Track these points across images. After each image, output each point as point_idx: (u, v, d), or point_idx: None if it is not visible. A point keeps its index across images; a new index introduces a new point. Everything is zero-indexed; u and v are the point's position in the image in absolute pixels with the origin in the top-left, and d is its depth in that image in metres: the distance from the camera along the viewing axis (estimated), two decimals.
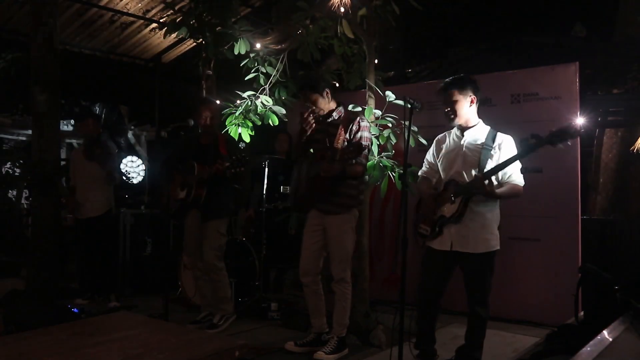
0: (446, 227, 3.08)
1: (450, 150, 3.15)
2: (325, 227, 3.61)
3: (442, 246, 3.10)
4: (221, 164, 3.93)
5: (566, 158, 4.21)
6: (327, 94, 3.61)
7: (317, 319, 3.73)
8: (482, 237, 3.02)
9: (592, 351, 1.55)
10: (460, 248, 3.04)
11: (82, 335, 2.27)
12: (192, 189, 4.12)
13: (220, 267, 4.23)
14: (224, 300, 4.27)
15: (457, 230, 3.04)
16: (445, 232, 3.09)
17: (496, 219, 3.09)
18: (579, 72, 4.21)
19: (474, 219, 3.02)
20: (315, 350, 3.61)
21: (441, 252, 3.10)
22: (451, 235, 3.06)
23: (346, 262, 3.60)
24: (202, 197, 4.13)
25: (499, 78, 4.64)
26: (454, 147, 3.15)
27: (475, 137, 3.08)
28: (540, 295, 4.30)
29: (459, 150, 3.11)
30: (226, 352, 2.11)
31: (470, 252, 3.02)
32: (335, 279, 3.61)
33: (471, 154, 3.04)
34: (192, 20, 4.42)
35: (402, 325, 2.83)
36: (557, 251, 4.23)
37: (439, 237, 3.12)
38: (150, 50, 7.64)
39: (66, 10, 6.33)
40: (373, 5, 4.18)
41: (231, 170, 3.88)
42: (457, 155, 3.11)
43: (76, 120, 5.25)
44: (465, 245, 3.02)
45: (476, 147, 3.04)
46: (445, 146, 3.21)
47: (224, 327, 4.21)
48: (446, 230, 3.09)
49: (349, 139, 3.48)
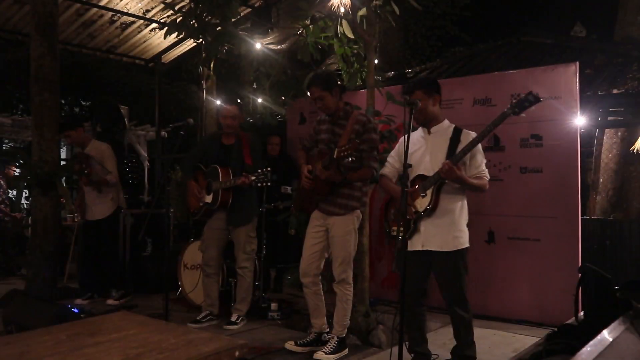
0: (422, 223, 3.09)
1: (417, 149, 3.19)
2: (327, 228, 3.62)
3: (413, 246, 3.11)
4: (247, 177, 4.00)
5: (566, 158, 4.22)
6: (335, 92, 3.57)
7: (318, 319, 3.73)
8: (451, 234, 3.05)
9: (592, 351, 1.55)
10: (430, 247, 3.07)
11: (82, 335, 2.27)
12: (219, 195, 4.19)
13: (251, 269, 4.38)
14: (244, 301, 4.38)
15: (426, 229, 3.08)
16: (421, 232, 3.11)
17: (464, 216, 3.12)
18: (579, 72, 4.22)
19: (442, 216, 3.05)
20: (315, 350, 3.61)
21: (414, 252, 3.10)
22: (421, 235, 3.10)
23: (348, 263, 3.60)
24: (229, 202, 4.23)
25: (499, 78, 4.64)
26: (420, 146, 3.19)
27: (440, 135, 3.14)
28: (540, 295, 4.30)
29: (425, 148, 3.16)
30: (226, 352, 2.11)
31: (440, 251, 3.05)
32: (337, 279, 3.61)
33: (438, 151, 3.08)
34: (192, 20, 4.42)
35: (402, 325, 2.83)
36: (557, 251, 4.23)
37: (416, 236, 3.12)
38: (150, 50, 7.63)
39: (66, 10, 6.32)
40: (373, 5, 4.18)
41: (257, 184, 3.96)
42: (424, 153, 3.16)
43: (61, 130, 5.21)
44: (435, 244, 3.06)
45: (442, 145, 3.09)
46: (412, 146, 3.20)
47: (240, 326, 4.30)
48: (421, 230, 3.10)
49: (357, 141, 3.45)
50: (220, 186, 4.17)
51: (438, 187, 3.04)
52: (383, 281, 5.15)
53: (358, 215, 3.63)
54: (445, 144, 3.07)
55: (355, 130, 3.50)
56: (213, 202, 4.24)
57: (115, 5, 6.36)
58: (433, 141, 3.15)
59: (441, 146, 3.08)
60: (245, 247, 4.32)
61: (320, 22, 4.43)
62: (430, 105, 3.11)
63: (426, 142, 3.17)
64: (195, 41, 4.82)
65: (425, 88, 3.10)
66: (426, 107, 3.09)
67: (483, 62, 6.99)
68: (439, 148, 3.08)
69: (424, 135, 3.20)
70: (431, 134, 3.16)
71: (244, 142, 4.29)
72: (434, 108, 3.13)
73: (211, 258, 4.39)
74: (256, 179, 3.95)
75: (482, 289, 4.46)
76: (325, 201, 3.59)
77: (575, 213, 4.19)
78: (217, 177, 4.20)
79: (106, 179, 5.10)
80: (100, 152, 5.20)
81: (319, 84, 3.53)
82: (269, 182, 3.95)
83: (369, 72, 4.24)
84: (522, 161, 4.40)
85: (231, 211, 4.27)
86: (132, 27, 6.93)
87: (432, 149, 3.13)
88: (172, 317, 4.44)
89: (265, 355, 3.63)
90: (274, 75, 4.66)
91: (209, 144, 4.45)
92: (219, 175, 4.19)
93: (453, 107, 4.71)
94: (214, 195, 4.23)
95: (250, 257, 4.38)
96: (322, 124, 3.72)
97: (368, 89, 4.25)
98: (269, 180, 3.93)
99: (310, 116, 5.63)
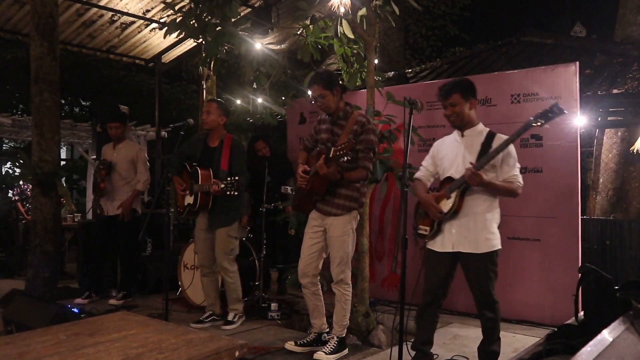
0: (446, 225, 3.12)
1: (450, 152, 3.21)
2: (325, 229, 3.61)
3: (444, 247, 3.13)
4: (217, 185, 3.96)
5: (566, 158, 4.22)
6: (336, 92, 3.55)
7: (317, 319, 3.73)
8: (483, 237, 3.05)
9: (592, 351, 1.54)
10: (462, 248, 3.07)
11: (82, 335, 2.27)
12: (198, 198, 4.18)
13: (232, 270, 4.32)
14: (236, 301, 4.36)
15: (459, 231, 3.08)
16: (446, 233, 3.12)
17: (496, 218, 3.12)
18: (579, 72, 4.22)
19: (475, 219, 3.05)
20: (315, 350, 3.61)
21: (443, 253, 3.13)
22: (452, 236, 3.10)
23: (346, 263, 3.59)
24: (209, 204, 4.21)
25: (499, 78, 4.64)
26: (453, 149, 3.21)
27: (473, 139, 3.14)
28: (540, 295, 4.30)
29: (458, 151, 3.17)
30: (226, 352, 2.11)
31: (472, 253, 3.05)
32: (335, 280, 3.61)
33: (470, 155, 3.09)
34: (192, 20, 4.42)
35: (402, 325, 2.83)
36: (557, 251, 4.23)
37: (439, 237, 3.15)
38: (150, 50, 7.63)
39: (66, 10, 6.32)
40: (373, 6, 4.18)
41: (226, 192, 3.92)
42: (456, 156, 3.17)
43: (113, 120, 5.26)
44: (467, 246, 3.06)
45: (474, 148, 3.10)
46: (444, 149, 3.26)
47: (238, 324, 4.31)
48: (447, 231, 3.12)
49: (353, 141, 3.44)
50: (198, 189, 4.16)
51: (462, 190, 3.05)
52: (383, 281, 5.15)
53: (355, 215, 3.62)
54: (477, 147, 3.08)
55: (353, 130, 3.49)
56: (193, 203, 4.22)
57: (115, 5, 6.36)
58: (465, 144, 3.15)
59: (473, 150, 3.10)
60: (224, 246, 4.25)
61: (321, 22, 4.44)
62: (467, 108, 3.11)
63: (459, 145, 3.18)
64: (195, 41, 4.81)
65: (462, 91, 3.10)
66: (462, 111, 3.10)
67: (483, 62, 7.00)
68: (471, 152, 3.10)
69: (457, 139, 3.21)
70: (464, 137, 3.17)
71: (225, 146, 4.25)
72: (470, 112, 3.14)
73: (204, 258, 4.38)
74: (225, 187, 3.91)
75: None
76: (323, 201, 3.58)
77: (575, 213, 4.19)
78: (198, 179, 4.19)
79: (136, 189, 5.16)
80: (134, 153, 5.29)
81: (320, 83, 3.50)
82: (237, 192, 3.91)
83: (369, 72, 4.23)
84: (522, 161, 4.33)
85: (211, 215, 4.26)
86: (132, 27, 6.93)
87: (463, 152, 3.13)
88: (172, 317, 4.44)
89: (265, 355, 3.63)
90: (274, 75, 4.66)
91: (195, 144, 4.41)
92: (199, 178, 4.18)
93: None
94: (194, 197, 4.22)
95: (230, 258, 4.30)
96: (322, 123, 3.71)
97: (368, 89, 4.25)
98: (236, 189, 3.90)
99: (310, 116, 5.63)
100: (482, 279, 3.06)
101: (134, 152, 5.29)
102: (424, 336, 3.24)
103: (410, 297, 3.02)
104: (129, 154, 5.27)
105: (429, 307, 3.22)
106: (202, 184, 4.13)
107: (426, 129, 4.82)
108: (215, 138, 4.33)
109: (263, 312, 4.59)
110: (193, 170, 4.27)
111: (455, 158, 3.16)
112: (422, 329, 3.24)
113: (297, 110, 5.83)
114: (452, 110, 3.11)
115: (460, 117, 3.11)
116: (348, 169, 3.48)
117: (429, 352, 3.28)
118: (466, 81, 3.19)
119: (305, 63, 4.61)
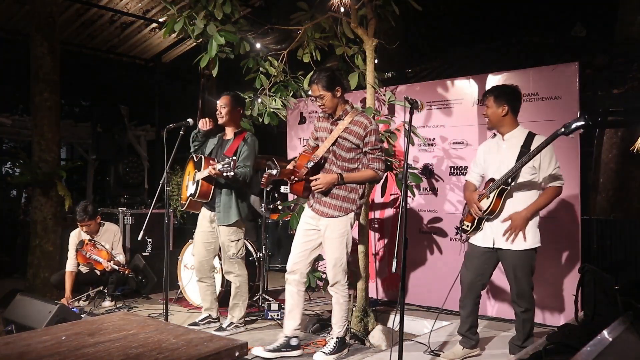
0: (486, 223, 3.32)
1: (493, 155, 3.39)
2: (321, 229, 3.55)
3: (485, 243, 3.32)
4: (213, 167, 3.81)
5: (566, 158, 4.21)
6: (337, 92, 3.48)
7: (292, 320, 3.62)
8: (523, 234, 3.20)
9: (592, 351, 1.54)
10: (502, 245, 3.24)
11: (82, 335, 2.27)
12: (199, 185, 4.05)
13: (238, 273, 4.20)
14: (236, 307, 4.22)
15: (500, 228, 3.25)
16: (487, 229, 3.32)
17: (536, 217, 3.26)
18: (579, 72, 4.21)
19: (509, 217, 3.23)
20: (284, 356, 3.55)
21: (483, 248, 3.33)
22: (493, 233, 3.28)
23: (341, 265, 3.52)
24: (209, 194, 4.09)
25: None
26: (495, 151, 3.39)
27: (514, 141, 3.30)
28: (540, 295, 4.29)
29: (498, 153, 3.36)
30: (226, 352, 2.11)
31: (511, 249, 3.21)
32: (331, 282, 3.56)
33: (509, 157, 3.25)
34: (191, 20, 4.41)
35: (402, 325, 2.83)
36: (557, 251, 4.23)
37: (480, 234, 3.35)
38: (150, 50, 7.64)
39: (66, 10, 6.33)
40: (373, 6, 4.18)
41: (223, 173, 3.71)
42: (496, 158, 3.36)
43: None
44: (508, 243, 3.22)
45: (514, 150, 3.26)
46: (488, 152, 3.45)
47: (229, 333, 4.11)
48: (488, 228, 3.31)
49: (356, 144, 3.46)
50: (200, 175, 4.04)
51: (500, 191, 3.22)
52: (383, 281, 5.15)
53: (352, 217, 3.53)
54: (517, 149, 3.24)
55: (356, 133, 3.45)
56: (194, 192, 4.09)
57: (115, 5, 6.36)
58: (507, 146, 3.32)
59: (512, 152, 3.25)
60: (226, 250, 4.15)
61: (321, 22, 4.44)
62: (499, 113, 3.28)
63: (499, 147, 3.37)
64: (195, 41, 4.81)
65: (494, 95, 3.30)
66: (493, 114, 3.30)
67: (483, 62, 6.99)
68: (511, 153, 3.26)
69: (498, 142, 3.40)
70: (505, 140, 3.35)
71: (237, 139, 4.14)
72: (503, 117, 3.29)
73: (200, 262, 4.29)
74: (222, 167, 3.70)
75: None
76: (318, 201, 3.52)
77: (575, 213, 4.18)
78: (202, 167, 4.07)
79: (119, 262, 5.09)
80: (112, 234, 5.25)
81: (320, 83, 3.45)
82: (232, 172, 3.69)
83: (369, 72, 4.23)
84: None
85: (217, 208, 4.11)
86: (132, 27, 6.94)
87: (504, 154, 3.31)
88: (172, 317, 4.45)
89: None
90: (274, 75, 4.66)
91: (214, 134, 4.29)
92: (202, 165, 4.07)
93: (453, 107, 4.71)
94: (196, 185, 4.09)
95: (234, 261, 4.17)
96: (322, 121, 3.67)
97: (368, 89, 4.25)
98: (231, 169, 3.68)
99: (310, 116, 5.63)
100: (518, 275, 3.22)
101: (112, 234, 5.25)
102: (469, 322, 3.43)
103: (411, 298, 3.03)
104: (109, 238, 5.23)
105: (467, 297, 3.40)
106: (203, 170, 4.00)
107: (426, 129, 4.82)
108: (230, 131, 4.21)
109: (263, 312, 4.59)
110: (198, 159, 4.18)
111: (496, 160, 3.36)
112: (466, 317, 3.43)
113: (297, 110, 5.83)
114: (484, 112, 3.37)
115: (491, 121, 3.33)
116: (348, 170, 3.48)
117: (473, 335, 3.45)
118: (505, 88, 3.39)
119: (305, 63, 4.60)
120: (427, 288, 4.70)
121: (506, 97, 3.28)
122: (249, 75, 4.69)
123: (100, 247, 5.01)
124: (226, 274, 4.26)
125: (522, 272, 3.21)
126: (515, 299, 3.27)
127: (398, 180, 4.18)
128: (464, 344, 3.46)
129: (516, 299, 3.26)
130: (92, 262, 4.99)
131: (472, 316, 3.44)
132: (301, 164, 3.52)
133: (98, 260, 4.95)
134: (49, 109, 5.15)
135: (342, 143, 3.47)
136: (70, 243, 5.08)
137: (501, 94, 3.29)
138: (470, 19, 12.41)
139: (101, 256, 4.96)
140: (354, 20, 4.20)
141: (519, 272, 3.22)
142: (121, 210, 6.05)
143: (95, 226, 5.10)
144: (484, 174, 3.46)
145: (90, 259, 4.97)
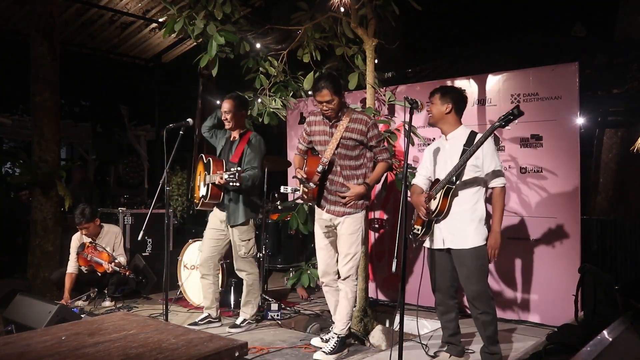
0: (435, 224, 3.27)
1: (439, 156, 3.38)
2: (336, 226, 3.61)
3: (437, 245, 3.28)
4: (220, 176, 3.93)
5: (566, 158, 4.21)
6: (343, 95, 3.57)
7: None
8: (470, 232, 3.16)
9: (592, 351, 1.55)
10: (451, 245, 3.20)
11: (82, 335, 2.27)
12: (209, 189, 4.14)
13: (250, 271, 4.27)
14: (248, 304, 4.30)
15: (447, 228, 3.22)
16: (436, 231, 3.27)
17: (479, 215, 3.21)
18: (579, 72, 4.21)
19: (461, 216, 3.19)
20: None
21: (437, 250, 3.29)
22: (442, 234, 3.24)
23: (354, 261, 3.59)
24: (220, 197, 4.18)
25: (499, 78, 4.64)
26: (441, 152, 3.38)
27: (456, 140, 3.28)
28: (540, 295, 4.30)
29: (443, 154, 3.34)
30: (226, 352, 2.12)
31: (459, 248, 3.17)
32: (343, 276, 3.61)
33: (453, 156, 3.22)
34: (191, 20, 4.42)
35: (402, 325, 2.83)
36: (557, 251, 4.23)
37: (432, 236, 3.30)
38: (150, 50, 7.64)
39: (66, 10, 6.33)
40: (373, 6, 4.18)
41: (229, 183, 3.82)
42: (441, 158, 3.34)
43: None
44: (455, 242, 3.19)
45: (457, 149, 3.23)
46: (434, 153, 3.43)
47: (243, 329, 4.21)
48: (437, 230, 3.27)
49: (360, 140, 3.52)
50: (210, 180, 4.12)
51: (446, 191, 3.18)
52: (383, 281, 5.14)
53: (366, 211, 3.66)
54: (459, 148, 3.22)
55: (359, 130, 3.51)
56: (206, 194, 4.18)
57: (115, 5, 6.36)
58: (450, 146, 3.31)
59: (455, 151, 3.24)
60: (238, 249, 4.22)
61: (321, 22, 4.44)
62: (443, 110, 3.28)
63: (443, 147, 3.36)
64: (195, 41, 4.81)
65: (441, 93, 3.32)
66: (437, 111, 3.30)
67: (483, 62, 6.99)
68: (454, 152, 3.24)
69: (442, 142, 3.39)
70: (448, 140, 3.33)
71: (242, 140, 4.19)
72: (446, 114, 3.29)
73: (205, 259, 4.34)
74: (228, 177, 3.80)
75: None
76: (331, 203, 3.59)
77: (575, 213, 4.18)
78: (210, 171, 4.14)
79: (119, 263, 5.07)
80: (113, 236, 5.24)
81: (330, 88, 3.44)
82: (237, 183, 3.80)
83: (369, 72, 4.23)
84: (522, 161, 4.40)
85: (227, 209, 4.19)
86: (132, 27, 6.94)
87: (447, 153, 3.30)
88: (172, 317, 4.45)
89: (265, 355, 3.63)
90: (274, 75, 4.66)
91: (223, 135, 4.36)
92: (211, 169, 4.14)
93: None
94: (206, 188, 4.18)
95: (245, 260, 4.24)
96: (315, 124, 3.68)
97: (368, 89, 4.25)
98: (236, 180, 3.79)
99: (310, 116, 5.62)
100: (471, 274, 3.15)
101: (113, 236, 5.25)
102: (451, 328, 3.37)
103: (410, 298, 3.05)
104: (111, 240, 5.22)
105: (440, 304, 3.35)
106: (212, 175, 4.10)
107: (426, 129, 4.82)
108: (236, 133, 4.27)
109: (263, 312, 4.59)
110: (207, 161, 4.23)
111: (441, 161, 3.34)
112: (448, 322, 3.37)
113: (297, 110, 5.83)
114: (429, 109, 3.37)
115: (433, 116, 3.32)
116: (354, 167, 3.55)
117: (459, 342, 3.39)
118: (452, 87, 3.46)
119: (305, 63, 4.60)
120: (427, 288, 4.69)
121: (451, 96, 3.29)
122: (249, 75, 4.70)
123: (101, 249, 5.01)
124: (238, 272, 4.32)
125: (472, 271, 3.14)
126: (471, 300, 3.18)
127: (398, 180, 4.18)
128: (451, 351, 3.38)
129: (471, 300, 3.18)
130: (94, 265, 4.99)
131: (454, 322, 3.36)
132: (312, 171, 3.57)
133: (99, 263, 4.95)
134: (49, 109, 5.15)
135: (346, 143, 3.53)
136: (71, 246, 5.09)
137: (447, 93, 3.32)
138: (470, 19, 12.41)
139: (102, 258, 4.96)
140: (354, 20, 4.20)
141: (469, 271, 3.15)
142: (121, 210, 6.05)
143: (95, 229, 5.10)
144: (432, 175, 3.42)
145: (91, 261, 4.97)
